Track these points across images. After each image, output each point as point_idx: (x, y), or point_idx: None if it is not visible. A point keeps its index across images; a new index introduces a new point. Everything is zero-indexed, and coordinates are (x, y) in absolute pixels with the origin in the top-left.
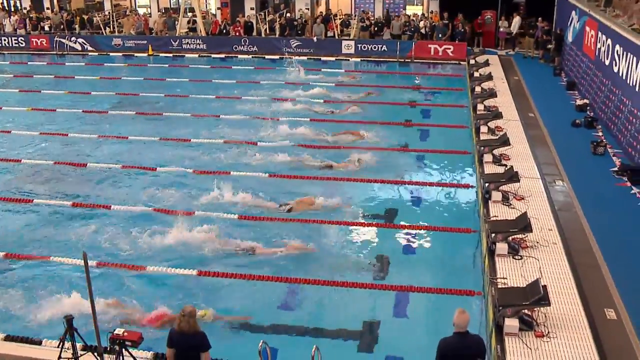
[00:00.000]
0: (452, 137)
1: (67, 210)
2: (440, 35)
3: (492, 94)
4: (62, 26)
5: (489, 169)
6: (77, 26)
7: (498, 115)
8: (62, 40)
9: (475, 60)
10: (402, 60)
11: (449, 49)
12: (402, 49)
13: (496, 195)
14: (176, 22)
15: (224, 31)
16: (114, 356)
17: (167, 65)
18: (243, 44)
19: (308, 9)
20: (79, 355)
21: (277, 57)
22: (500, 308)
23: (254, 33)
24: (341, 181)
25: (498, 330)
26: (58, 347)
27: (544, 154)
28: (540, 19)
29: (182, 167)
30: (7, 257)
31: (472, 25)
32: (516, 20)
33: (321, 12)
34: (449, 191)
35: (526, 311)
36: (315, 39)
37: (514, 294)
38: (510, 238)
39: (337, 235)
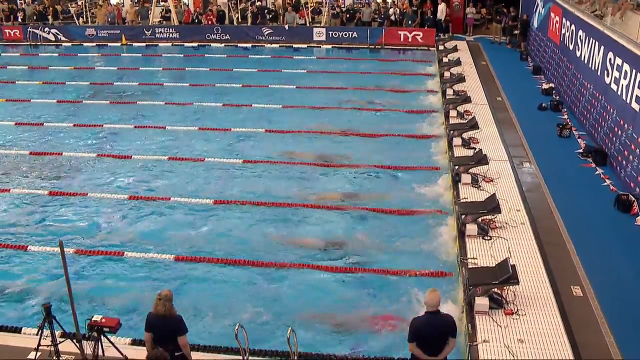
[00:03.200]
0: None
1: (43, 199)
2: (410, 22)
3: (460, 78)
4: (35, 17)
5: (459, 152)
6: (50, 17)
7: (467, 100)
8: (35, 30)
9: (444, 46)
10: (373, 46)
11: (419, 35)
12: (373, 36)
13: (466, 178)
14: (149, 12)
15: (197, 20)
16: (93, 342)
17: (140, 55)
18: (216, 32)
19: None
20: (58, 342)
21: (249, 45)
22: (471, 287)
23: (227, 22)
24: (312, 167)
25: (469, 309)
26: (37, 334)
27: (511, 136)
28: (511, 7)
29: (158, 155)
30: None
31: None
32: (441, 8)
33: (289, 1)
34: (420, 174)
35: (496, 290)
36: (287, 26)
37: (484, 273)
38: (479, 219)
39: (301, 217)
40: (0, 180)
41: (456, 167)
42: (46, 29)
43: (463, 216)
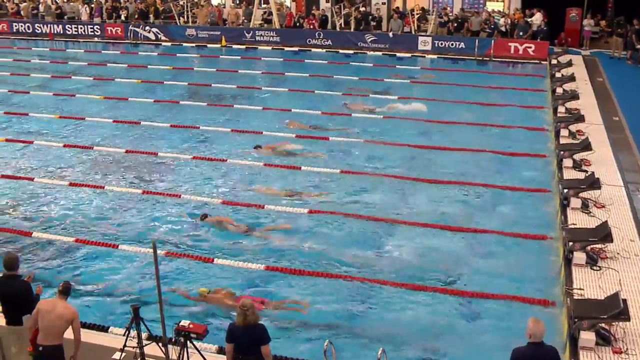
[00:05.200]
0: (530, 140)
1: (137, 198)
2: (521, 34)
3: (574, 95)
4: (137, 15)
5: (569, 174)
6: (151, 16)
7: (580, 119)
8: (136, 29)
9: (558, 61)
10: (481, 58)
11: (530, 47)
12: (481, 47)
13: (575, 202)
14: (251, 14)
15: (298, 24)
16: (179, 348)
17: (239, 57)
18: (317, 37)
19: (385, 3)
20: (143, 344)
21: (351, 51)
22: (576, 320)
23: (329, 26)
24: (414, 181)
25: (573, 343)
26: (124, 335)
27: (627, 160)
28: (634, 20)
29: (254, 161)
30: (77, 242)
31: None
32: (537, 17)
33: (397, 6)
34: (525, 195)
35: (604, 325)
36: (391, 34)
37: (591, 306)
38: (589, 247)
39: (404, 237)
40: (94, 177)
41: (565, 190)
42: (147, 27)
43: (570, 243)
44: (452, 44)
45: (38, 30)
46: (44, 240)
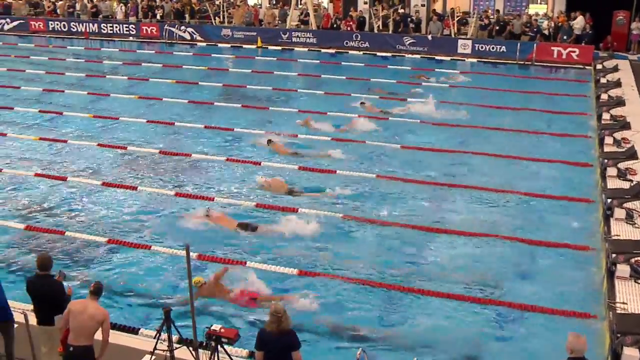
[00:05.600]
0: (572, 148)
1: (170, 199)
2: (565, 38)
3: (619, 102)
4: (172, 15)
5: (613, 183)
6: (187, 15)
7: (625, 126)
8: (171, 29)
9: (603, 65)
10: (522, 62)
11: (574, 52)
12: (523, 51)
13: (619, 213)
14: (287, 15)
15: (335, 25)
16: (209, 352)
17: (275, 59)
18: (354, 39)
19: (424, 5)
20: (174, 348)
21: (389, 54)
22: (619, 335)
23: (366, 28)
24: (452, 188)
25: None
26: (154, 338)
27: None
28: None
29: (289, 164)
30: (110, 242)
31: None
32: (579, 20)
33: (433, 9)
34: (567, 205)
35: None
36: (430, 36)
37: (635, 321)
38: (633, 260)
39: (442, 245)
40: (128, 177)
41: (609, 200)
42: (182, 27)
43: (614, 255)
44: (493, 48)
45: (74, 29)
46: (77, 240)
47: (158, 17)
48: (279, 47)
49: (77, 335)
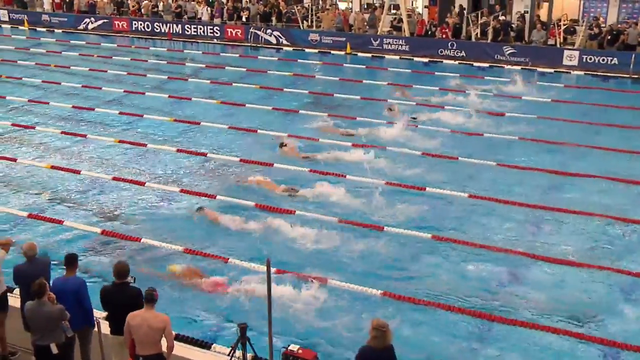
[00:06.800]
0: None
1: (250, 211)
2: None
3: None
4: (258, 17)
5: None
6: (274, 18)
7: None
8: (257, 32)
9: None
10: (637, 76)
11: None
12: (638, 63)
13: None
14: (378, 20)
15: (430, 33)
16: None
17: (364, 67)
18: (450, 47)
19: (527, 11)
20: None
21: (487, 64)
22: None
23: (463, 36)
24: (547, 211)
25: None
26: (228, 355)
27: None
28: None
29: (375, 178)
30: (186, 252)
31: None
32: None
33: (537, 15)
34: None
35: None
36: (533, 46)
37: None
38: None
39: (537, 271)
40: (207, 185)
41: None
42: (268, 30)
43: None
44: (603, 60)
45: (157, 29)
46: (153, 248)
47: (244, 19)
48: (369, 54)
49: (143, 346)
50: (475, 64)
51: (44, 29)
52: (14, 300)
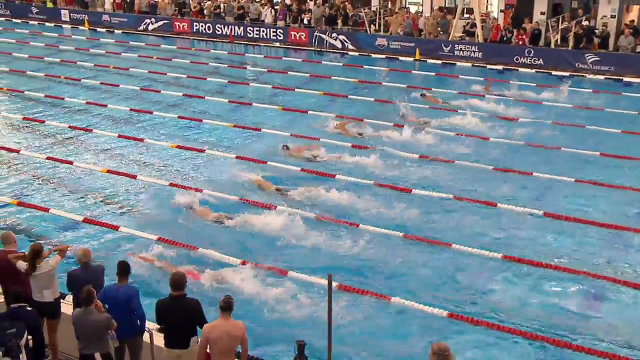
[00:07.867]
0: None
1: (311, 223)
2: None
3: None
4: (323, 20)
5: None
6: (339, 21)
7: None
8: (322, 35)
9: None
10: None
11: None
12: None
13: None
14: (450, 25)
15: (505, 39)
16: None
17: (434, 74)
18: (527, 55)
19: (614, 16)
20: None
21: (567, 73)
22: None
23: (541, 43)
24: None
25: None
26: None
27: None
28: None
29: (443, 192)
30: (243, 264)
31: None
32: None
33: (632, 20)
34: None
35: None
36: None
37: None
38: None
39: (615, 297)
40: (267, 194)
41: None
42: (334, 34)
43: None
44: None
45: (218, 31)
46: (209, 258)
47: (305, 21)
48: (439, 61)
49: (221, 357)
50: (554, 72)
51: (104, 30)
52: (67, 308)
